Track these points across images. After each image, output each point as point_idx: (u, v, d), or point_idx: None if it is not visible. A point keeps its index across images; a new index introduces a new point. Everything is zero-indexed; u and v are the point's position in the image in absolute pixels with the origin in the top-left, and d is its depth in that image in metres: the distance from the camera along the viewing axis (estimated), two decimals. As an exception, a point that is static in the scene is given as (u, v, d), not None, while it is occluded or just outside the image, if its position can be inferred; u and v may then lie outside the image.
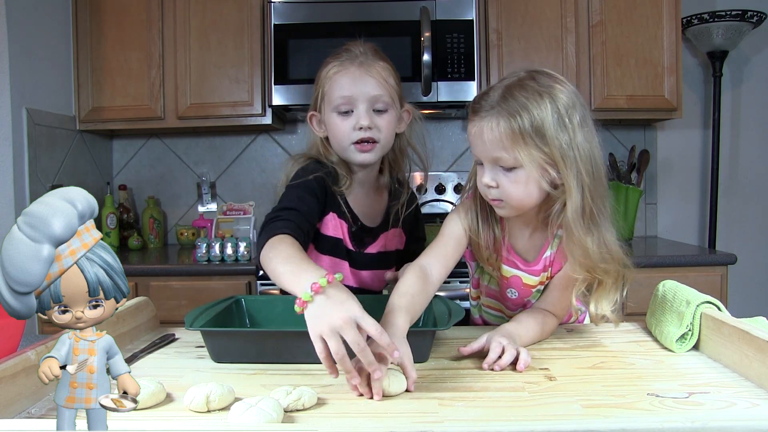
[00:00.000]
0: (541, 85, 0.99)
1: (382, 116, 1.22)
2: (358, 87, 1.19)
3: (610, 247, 1.02)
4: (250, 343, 1.00)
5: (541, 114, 0.96)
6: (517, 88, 0.99)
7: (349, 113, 1.21)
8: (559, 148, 0.96)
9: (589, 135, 1.00)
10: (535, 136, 0.96)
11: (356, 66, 1.20)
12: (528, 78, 1.00)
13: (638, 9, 2.43)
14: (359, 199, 1.30)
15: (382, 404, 0.80)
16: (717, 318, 0.96)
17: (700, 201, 2.84)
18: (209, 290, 2.15)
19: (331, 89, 1.21)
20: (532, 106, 0.96)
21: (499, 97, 0.99)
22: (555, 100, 0.97)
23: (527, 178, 0.99)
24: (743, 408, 0.77)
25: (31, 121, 2.21)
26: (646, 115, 2.52)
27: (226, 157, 2.82)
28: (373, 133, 1.20)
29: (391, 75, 1.23)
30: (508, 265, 1.13)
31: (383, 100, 1.21)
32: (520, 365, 0.92)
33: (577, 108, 1.00)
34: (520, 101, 0.97)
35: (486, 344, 0.97)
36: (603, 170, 1.03)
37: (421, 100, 2.35)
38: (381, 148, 1.23)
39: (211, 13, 2.45)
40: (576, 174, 0.98)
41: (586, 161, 0.99)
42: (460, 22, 2.35)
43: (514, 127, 0.96)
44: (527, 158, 0.97)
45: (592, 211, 1.00)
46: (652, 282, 1.21)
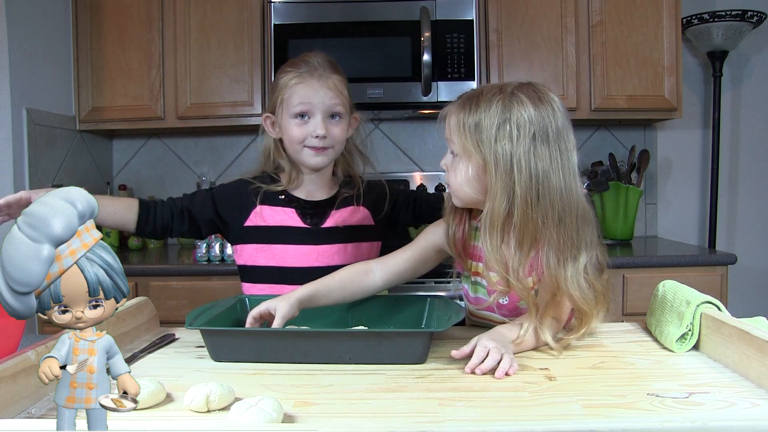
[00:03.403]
0: (511, 95, 1.02)
1: (336, 124, 1.34)
2: (317, 97, 1.31)
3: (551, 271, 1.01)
4: (249, 342, 1.00)
5: (486, 115, 1.01)
6: (492, 90, 1.04)
7: (307, 120, 1.32)
8: (492, 152, 1.00)
9: (545, 156, 0.99)
10: (474, 132, 1.01)
11: (315, 78, 1.31)
12: (514, 86, 1.04)
13: (638, 9, 2.43)
14: (307, 190, 1.40)
15: (382, 404, 0.80)
16: (717, 318, 0.96)
17: (700, 201, 2.84)
18: (209, 290, 2.15)
19: (291, 97, 1.32)
20: (484, 107, 1.02)
21: (473, 93, 1.06)
22: (510, 110, 1.00)
23: (466, 170, 1.04)
24: (743, 408, 0.77)
25: (31, 121, 2.21)
26: (646, 115, 2.52)
27: (226, 157, 2.82)
28: (326, 141, 1.32)
29: (345, 87, 1.35)
30: (492, 272, 1.09)
31: (338, 110, 1.33)
32: (498, 372, 0.90)
33: (540, 127, 1.00)
34: (480, 101, 1.03)
35: None
36: (578, 203, 1.01)
37: (421, 100, 2.35)
38: (333, 152, 1.35)
39: (211, 13, 2.45)
40: (505, 183, 0.99)
41: (525, 175, 0.99)
42: (460, 22, 2.35)
43: (459, 117, 1.04)
44: (461, 149, 1.03)
45: (525, 225, 0.99)
46: (652, 282, 1.21)
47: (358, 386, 0.87)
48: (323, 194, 1.41)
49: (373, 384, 0.88)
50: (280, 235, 1.36)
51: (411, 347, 0.96)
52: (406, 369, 0.94)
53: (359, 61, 2.36)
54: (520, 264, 1.02)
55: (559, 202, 1.00)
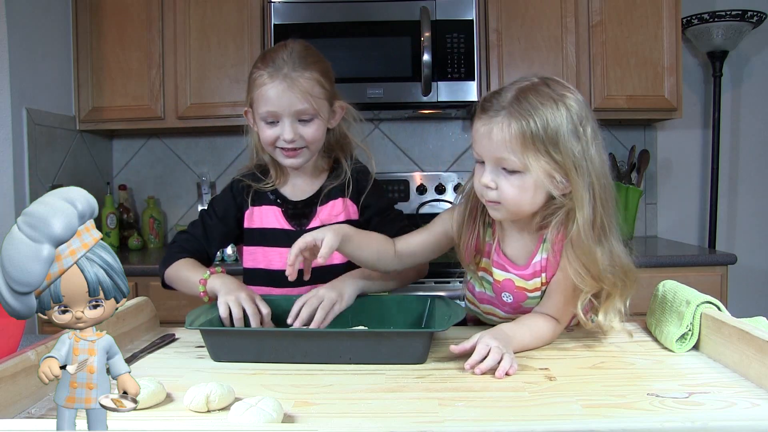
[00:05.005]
0: (556, 93, 0.97)
1: (307, 126, 1.26)
2: (283, 102, 1.22)
3: (619, 258, 1.01)
4: (249, 342, 1.00)
5: (556, 120, 0.94)
6: (531, 91, 0.97)
7: (276, 123, 1.25)
8: (572, 158, 0.95)
9: (600, 148, 0.99)
10: (548, 143, 0.94)
11: (280, 78, 1.22)
12: (541, 84, 0.99)
13: (638, 9, 2.43)
14: (293, 184, 1.36)
15: (382, 404, 0.80)
16: (717, 318, 0.96)
17: (700, 201, 2.83)
18: (209, 290, 2.15)
19: (258, 101, 1.25)
20: (546, 111, 0.94)
21: (512, 98, 0.96)
22: (569, 109, 0.96)
23: (530, 184, 0.97)
24: (743, 408, 0.77)
25: (31, 121, 2.21)
26: (646, 115, 2.52)
27: (226, 157, 2.81)
28: (298, 143, 1.26)
29: (317, 84, 1.25)
30: (498, 268, 1.11)
31: (308, 113, 1.24)
32: (498, 372, 0.89)
33: (589, 120, 0.98)
34: (534, 104, 0.94)
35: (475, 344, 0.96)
36: (612, 183, 1.02)
37: (421, 100, 2.35)
38: (308, 152, 1.29)
39: (211, 13, 2.45)
40: (588, 185, 0.96)
41: (599, 173, 0.97)
42: (460, 22, 2.35)
43: (525, 131, 0.94)
44: (535, 164, 0.95)
45: (603, 223, 0.99)
46: (652, 282, 1.21)
47: (358, 386, 0.87)
48: (310, 187, 1.36)
49: (373, 384, 0.88)
50: (266, 237, 1.34)
51: (411, 347, 0.96)
52: (406, 369, 0.94)
53: (359, 61, 2.36)
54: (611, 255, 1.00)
55: (611, 187, 1.00)
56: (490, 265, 1.12)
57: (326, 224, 1.32)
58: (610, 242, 1.01)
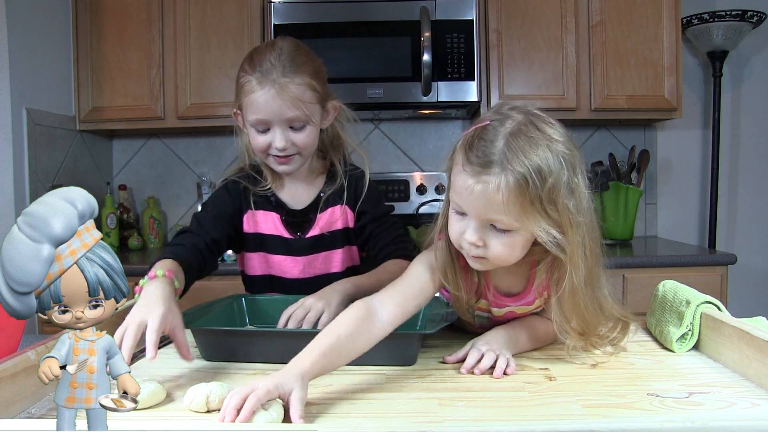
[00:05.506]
0: (545, 135, 0.87)
1: (299, 132, 1.21)
2: (273, 110, 1.17)
3: (610, 312, 0.97)
4: (245, 343, 1.00)
5: (553, 175, 0.84)
6: (522, 138, 0.85)
7: (266, 131, 1.21)
8: (568, 214, 0.87)
9: (586, 188, 0.91)
10: (546, 202, 0.85)
11: (269, 84, 1.16)
12: (528, 124, 0.87)
13: (638, 9, 2.43)
14: (290, 189, 1.32)
15: (382, 404, 0.80)
16: (717, 318, 0.96)
17: (700, 201, 2.84)
18: (209, 290, 2.14)
19: (248, 108, 1.20)
20: (542, 164, 0.84)
21: (503, 148, 0.85)
22: (563, 158, 0.86)
23: (520, 242, 0.89)
24: (743, 408, 0.77)
25: (31, 121, 2.21)
26: (646, 115, 2.52)
27: (226, 157, 2.81)
28: (290, 150, 1.21)
29: (308, 88, 1.19)
30: (496, 307, 1.05)
31: (299, 120, 1.19)
32: (496, 372, 0.89)
33: (578, 161, 0.89)
34: (530, 156, 0.84)
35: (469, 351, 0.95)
36: (597, 225, 0.94)
37: (421, 100, 2.35)
38: (301, 158, 1.25)
39: (211, 13, 2.45)
40: (581, 240, 0.89)
41: (589, 223, 0.90)
42: (460, 22, 2.35)
43: (524, 194, 0.84)
44: (534, 225, 0.86)
45: (591, 274, 0.93)
46: (652, 282, 1.21)
47: (358, 386, 0.87)
48: (308, 194, 1.32)
49: (373, 384, 0.88)
50: (265, 243, 1.32)
51: (398, 349, 0.96)
52: (406, 369, 0.94)
53: (359, 61, 2.36)
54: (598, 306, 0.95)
55: (598, 230, 0.93)
56: (488, 305, 1.06)
57: (326, 233, 1.31)
58: (599, 295, 0.96)
